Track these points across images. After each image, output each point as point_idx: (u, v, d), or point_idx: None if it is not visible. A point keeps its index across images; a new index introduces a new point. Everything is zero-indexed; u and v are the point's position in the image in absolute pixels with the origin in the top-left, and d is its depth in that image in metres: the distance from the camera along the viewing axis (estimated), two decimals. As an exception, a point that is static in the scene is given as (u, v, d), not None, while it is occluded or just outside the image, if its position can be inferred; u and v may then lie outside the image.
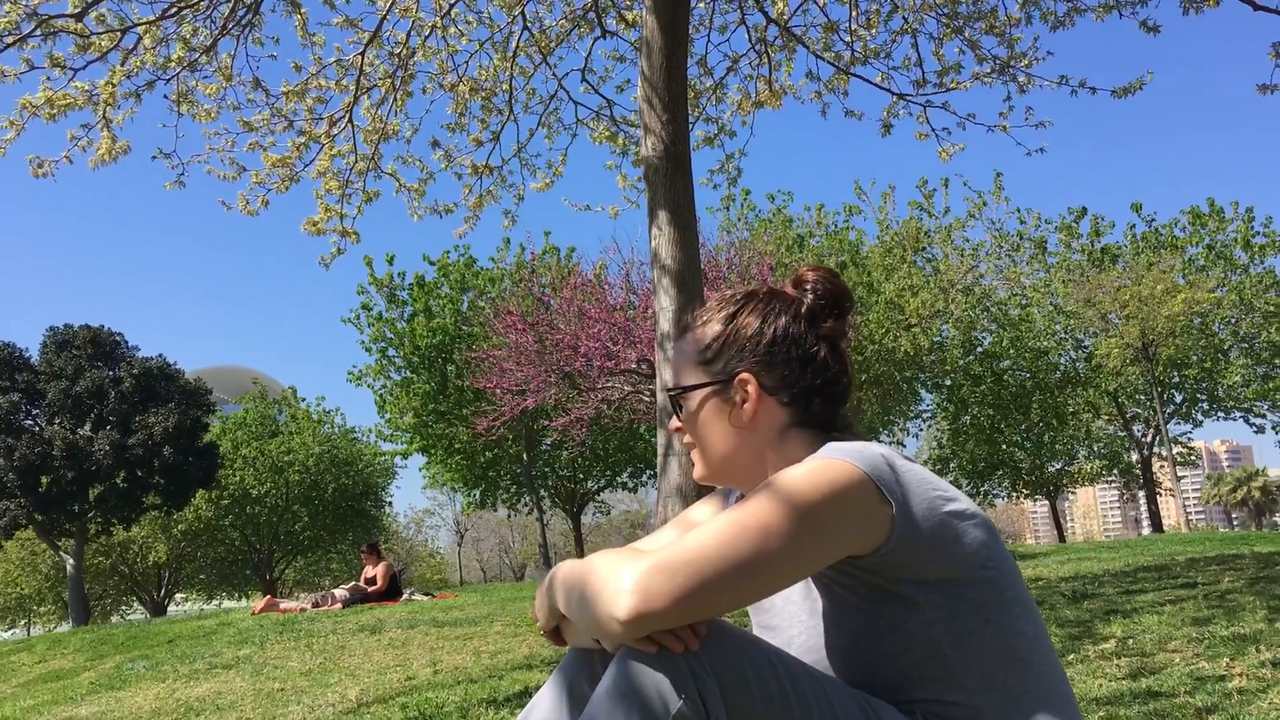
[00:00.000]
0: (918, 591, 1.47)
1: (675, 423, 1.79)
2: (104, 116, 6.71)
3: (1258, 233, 32.34)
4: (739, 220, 27.23)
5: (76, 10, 6.33)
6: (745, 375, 1.67)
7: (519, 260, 27.15)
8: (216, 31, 7.00)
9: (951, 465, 37.14)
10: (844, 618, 1.54)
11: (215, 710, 6.27)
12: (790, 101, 8.75)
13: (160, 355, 30.58)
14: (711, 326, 1.72)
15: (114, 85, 6.68)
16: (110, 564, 42.31)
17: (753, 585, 1.40)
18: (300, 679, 7.19)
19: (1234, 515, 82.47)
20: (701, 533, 1.42)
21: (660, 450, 5.69)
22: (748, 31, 8.50)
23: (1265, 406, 33.45)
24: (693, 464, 1.78)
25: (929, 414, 35.63)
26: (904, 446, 34.35)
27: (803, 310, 1.70)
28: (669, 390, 1.78)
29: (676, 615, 1.36)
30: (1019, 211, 32.23)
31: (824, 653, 1.56)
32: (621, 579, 1.38)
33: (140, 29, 6.68)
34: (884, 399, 27.43)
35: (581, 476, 35.44)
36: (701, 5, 8.39)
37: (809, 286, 1.72)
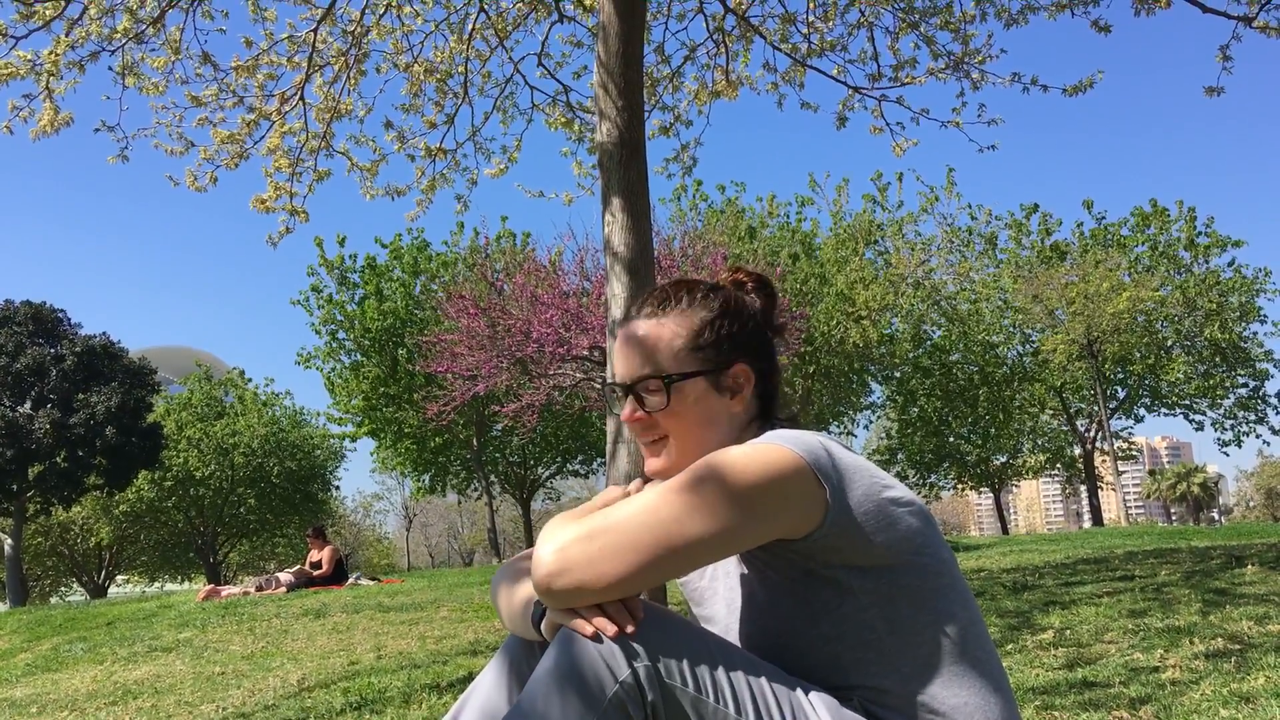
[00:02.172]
0: (851, 577, 1.49)
1: (634, 411, 1.67)
2: (47, 87, 6.55)
3: (1201, 233, 32.96)
4: (691, 210, 27.27)
5: (20, -23, 6.18)
6: (742, 366, 1.67)
7: (473, 245, 27.00)
8: (164, 3, 6.85)
9: (899, 456, 37.56)
10: (779, 602, 1.55)
11: (154, 693, 6.19)
12: (746, 93, 8.77)
13: (104, 333, 30.09)
14: (698, 313, 1.67)
15: (58, 55, 6.52)
16: (50, 544, 41.61)
17: (675, 560, 1.41)
18: (241, 663, 7.12)
19: (1173, 510, 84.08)
20: (630, 504, 1.43)
21: (610, 438, 5.67)
22: (705, 20, 8.48)
23: (1205, 404, 34.17)
24: (654, 455, 1.66)
25: (878, 405, 35.99)
26: (854, 437, 34.74)
27: (759, 307, 1.72)
28: (664, 376, 1.63)
29: (596, 586, 1.38)
30: (970, 207, 32.69)
31: (761, 637, 1.57)
32: (546, 545, 1.41)
33: (86, -1, 6.54)
34: (834, 390, 27.68)
35: (532, 463, 35.40)
36: (660, -8, 8.36)
37: (751, 286, 1.75)
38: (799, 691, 1.45)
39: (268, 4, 7.38)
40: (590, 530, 1.40)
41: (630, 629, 1.37)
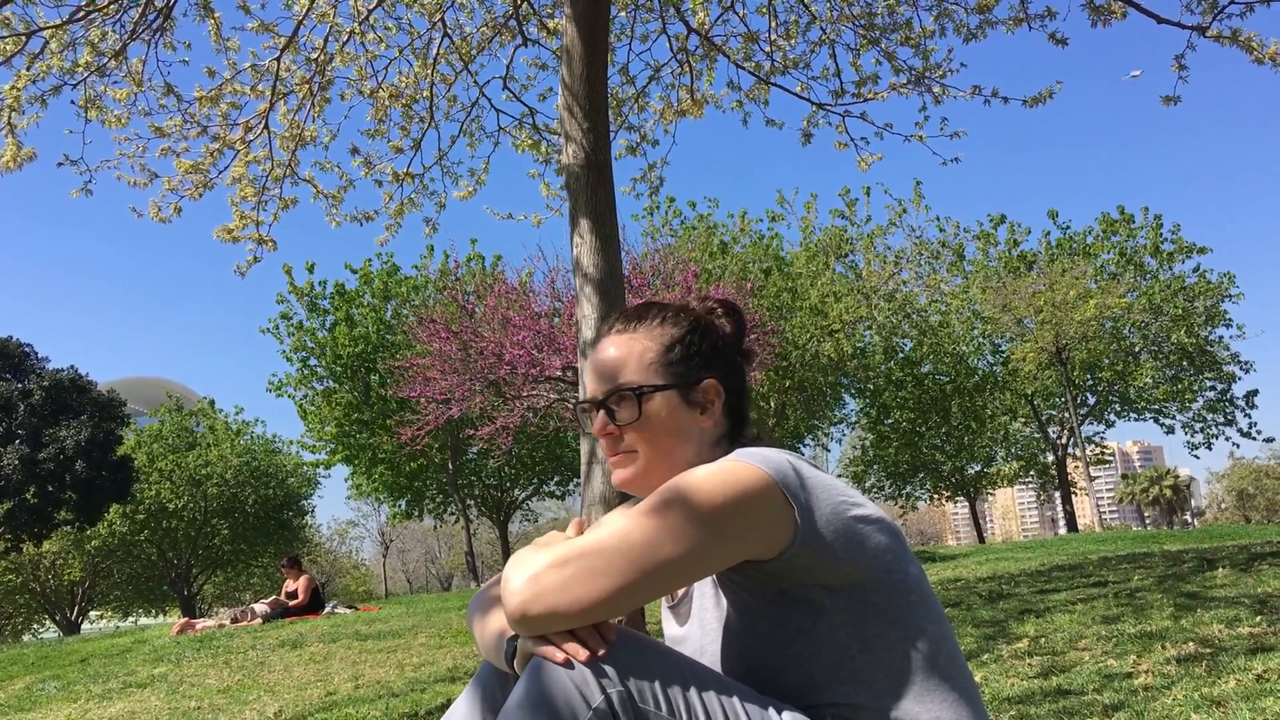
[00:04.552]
0: (823, 596, 1.50)
1: (605, 424, 1.67)
2: (8, 122, 6.51)
3: (1166, 239, 33.34)
4: (663, 226, 27.32)
5: (-22, 13, 6.15)
6: (712, 381, 1.69)
7: (443, 268, 26.98)
8: (126, 36, 6.82)
9: (874, 468, 37.67)
10: (752, 623, 1.56)
11: (128, 731, 6.12)
12: (712, 111, 8.81)
13: (72, 366, 29.78)
14: (668, 330, 1.70)
15: (19, 90, 6.49)
16: (21, 581, 41.03)
17: (648, 583, 1.42)
18: (218, 696, 7.05)
19: (1146, 514, 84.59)
20: (601, 530, 1.44)
21: (584, 459, 5.67)
22: (669, 41, 8.52)
23: (1174, 407, 34.51)
24: (621, 466, 1.68)
25: (852, 418, 36.10)
26: (828, 451, 34.82)
27: (729, 330, 1.75)
28: (635, 389, 1.65)
29: (569, 612, 1.39)
30: (938, 219, 32.75)
31: (735, 659, 1.58)
32: (516, 576, 1.42)
33: (46, 33, 6.50)
34: (808, 404, 27.74)
35: (508, 485, 35.26)
36: (623, 14, 8.39)
37: (721, 312, 1.78)
38: (771, 712, 1.46)
39: (230, 34, 7.36)
40: (562, 556, 1.41)
41: (601, 653, 1.38)
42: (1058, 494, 38.48)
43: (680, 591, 1.74)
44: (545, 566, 1.40)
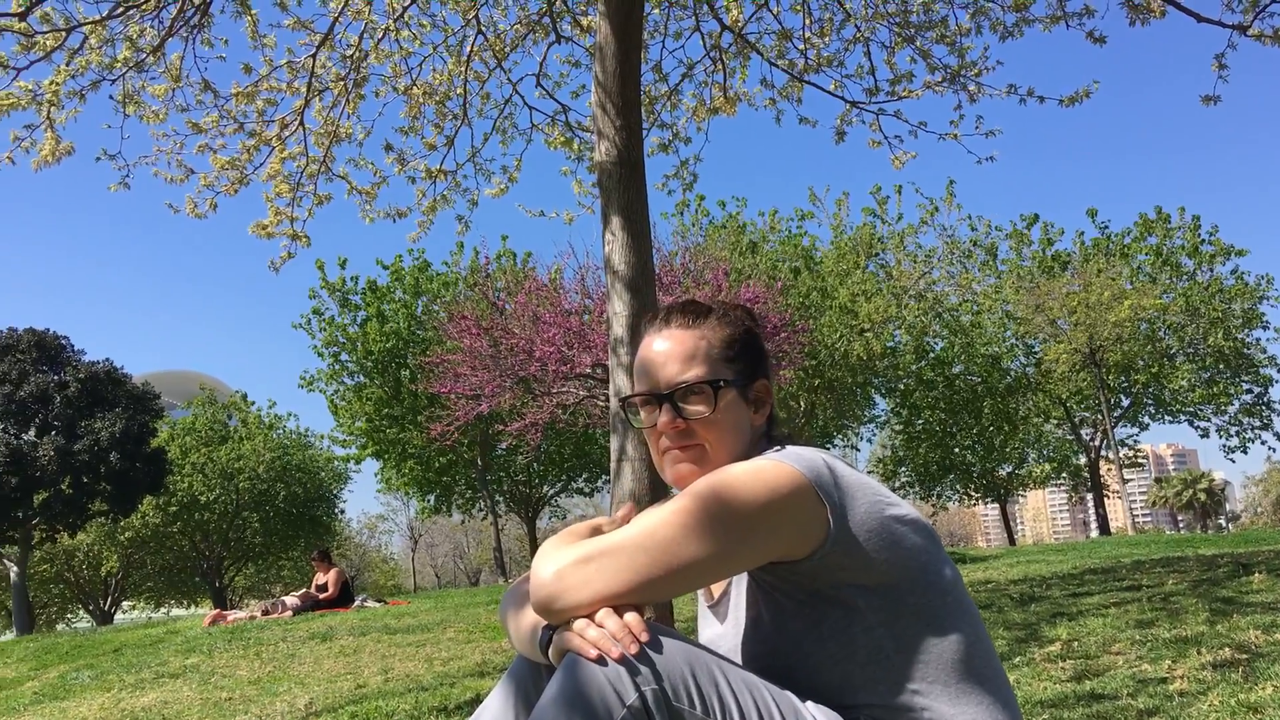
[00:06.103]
0: (858, 596, 1.49)
1: (674, 419, 1.66)
2: (48, 117, 6.58)
3: (1204, 240, 32.92)
4: (693, 225, 27.30)
5: (20, 9, 6.21)
6: (764, 381, 1.72)
7: (474, 264, 27.05)
8: (164, 32, 6.89)
9: (905, 468, 37.46)
10: (787, 623, 1.55)
11: (161, 720, 6.19)
12: (745, 109, 8.79)
13: (107, 359, 30.11)
14: (726, 328, 1.72)
15: (58, 85, 6.56)
16: (55, 571, 41.55)
17: (671, 581, 1.43)
18: (249, 687, 7.10)
19: (1180, 518, 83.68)
20: (631, 526, 1.45)
21: (614, 455, 5.66)
22: (702, 38, 8.50)
23: (1210, 411, 34.08)
24: (684, 462, 1.66)
25: (882, 418, 35.92)
26: (857, 451, 34.67)
27: (764, 333, 1.78)
28: (714, 381, 1.65)
29: (589, 607, 1.41)
30: (970, 219, 32.54)
31: (770, 658, 1.57)
32: (544, 569, 1.44)
33: (85, 29, 6.57)
34: (837, 403, 27.64)
35: (537, 481, 35.35)
36: (656, 11, 8.38)
37: (748, 316, 1.79)
38: (805, 711, 1.45)
39: (267, 30, 7.41)
40: (588, 553, 1.42)
41: (635, 650, 1.38)
42: (1090, 496, 38.12)
43: (719, 591, 1.74)
44: (571, 562, 1.42)
